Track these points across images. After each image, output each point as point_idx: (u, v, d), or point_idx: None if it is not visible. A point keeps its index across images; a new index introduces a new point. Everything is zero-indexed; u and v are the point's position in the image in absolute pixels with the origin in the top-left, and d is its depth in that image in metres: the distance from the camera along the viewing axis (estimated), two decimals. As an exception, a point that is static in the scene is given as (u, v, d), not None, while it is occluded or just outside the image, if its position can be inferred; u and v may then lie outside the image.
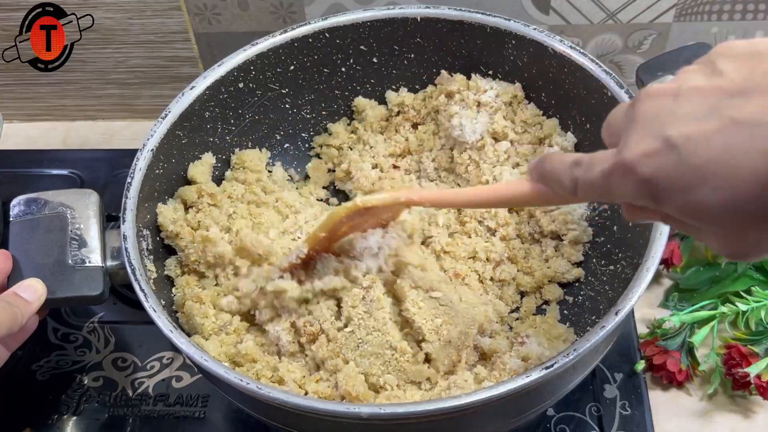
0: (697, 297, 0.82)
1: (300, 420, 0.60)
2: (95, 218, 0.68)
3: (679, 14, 0.91)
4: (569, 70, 0.75)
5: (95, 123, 1.12)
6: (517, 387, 0.55)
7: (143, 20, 0.98)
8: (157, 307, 0.62)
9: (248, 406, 0.64)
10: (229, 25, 0.97)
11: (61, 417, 0.79)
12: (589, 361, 0.63)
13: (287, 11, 0.95)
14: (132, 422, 0.78)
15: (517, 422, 0.66)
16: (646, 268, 0.60)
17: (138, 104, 1.09)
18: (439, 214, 0.77)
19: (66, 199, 0.69)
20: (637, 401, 0.76)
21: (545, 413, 0.76)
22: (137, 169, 0.70)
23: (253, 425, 0.78)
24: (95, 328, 0.86)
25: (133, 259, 0.64)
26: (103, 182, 0.99)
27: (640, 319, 0.83)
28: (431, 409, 0.55)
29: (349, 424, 0.58)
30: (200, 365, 0.59)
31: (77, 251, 0.66)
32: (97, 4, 0.96)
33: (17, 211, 0.68)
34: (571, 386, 0.65)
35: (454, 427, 0.60)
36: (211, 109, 0.78)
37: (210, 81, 0.76)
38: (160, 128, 0.73)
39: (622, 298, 0.59)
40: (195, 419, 0.78)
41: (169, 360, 0.83)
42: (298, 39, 0.79)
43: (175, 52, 1.01)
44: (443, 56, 0.82)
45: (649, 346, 0.78)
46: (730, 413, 0.76)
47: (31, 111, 1.11)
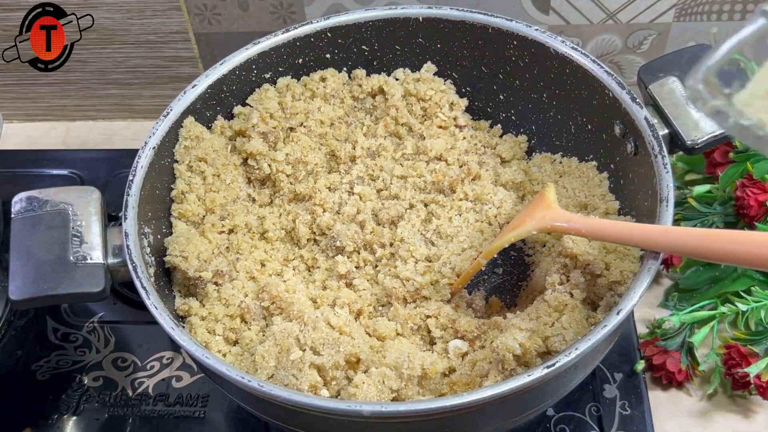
0: (696, 297, 0.82)
1: (301, 418, 0.60)
2: (96, 215, 0.68)
3: (679, 14, 0.91)
4: (571, 71, 0.75)
5: (95, 123, 1.12)
6: (517, 386, 0.55)
7: (143, 20, 0.98)
8: (158, 305, 0.62)
9: (249, 404, 0.64)
10: (229, 25, 0.97)
11: (61, 417, 0.79)
12: (589, 360, 0.63)
13: (287, 11, 0.95)
14: (132, 422, 0.78)
15: (518, 422, 0.66)
16: (646, 268, 0.61)
17: (138, 104, 1.09)
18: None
19: (67, 196, 0.68)
20: (636, 401, 0.76)
21: (545, 413, 0.76)
22: (139, 167, 0.70)
23: (254, 425, 0.78)
24: (95, 327, 0.86)
25: (135, 256, 0.64)
26: (103, 182, 0.99)
27: (640, 319, 0.83)
28: (432, 408, 0.55)
29: (350, 422, 0.58)
30: (201, 362, 0.59)
31: (78, 248, 0.66)
32: (97, 4, 0.97)
33: (18, 208, 0.68)
34: (572, 386, 0.65)
35: (454, 426, 0.60)
36: (213, 108, 0.78)
37: (212, 79, 0.76)
38: (162, 126, 0.73)
39: (623, 297, 0.60)
40: (195, 419, 0.78)
41: (169, 360, 0.83)
42: (300, 38, 0.79)
43: (175, 52, 1.02)
44: (445, 57, 0.82)
45: (649, 346, 0.78)
46: (730, 413, 0.76)
47: (31, 111, 1.11)
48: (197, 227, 0.74)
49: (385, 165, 0.80)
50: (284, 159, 0.78)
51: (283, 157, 0.78)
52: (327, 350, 0.63)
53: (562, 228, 0.65)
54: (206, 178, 0.75)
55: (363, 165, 0.81)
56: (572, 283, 0.66)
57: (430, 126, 0.82)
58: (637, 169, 0.70)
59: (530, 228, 0.67)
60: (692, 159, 0.89)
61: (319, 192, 0.79)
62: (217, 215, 0.75)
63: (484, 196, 0.78)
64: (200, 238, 0.72)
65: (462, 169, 0.80)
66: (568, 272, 0.67)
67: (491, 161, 0.82)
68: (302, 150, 0.79)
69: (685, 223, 0.84)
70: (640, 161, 0.69)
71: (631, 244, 0.63)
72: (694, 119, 0.69)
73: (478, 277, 0.77)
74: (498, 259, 0.78)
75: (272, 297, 0.70)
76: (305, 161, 0.79)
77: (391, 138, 0.82)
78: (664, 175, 0.65)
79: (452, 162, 0.80)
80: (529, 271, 0.77)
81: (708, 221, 0.84)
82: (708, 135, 0.69)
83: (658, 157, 0.66)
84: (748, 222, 0.80)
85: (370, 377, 0.62)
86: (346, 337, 0.66)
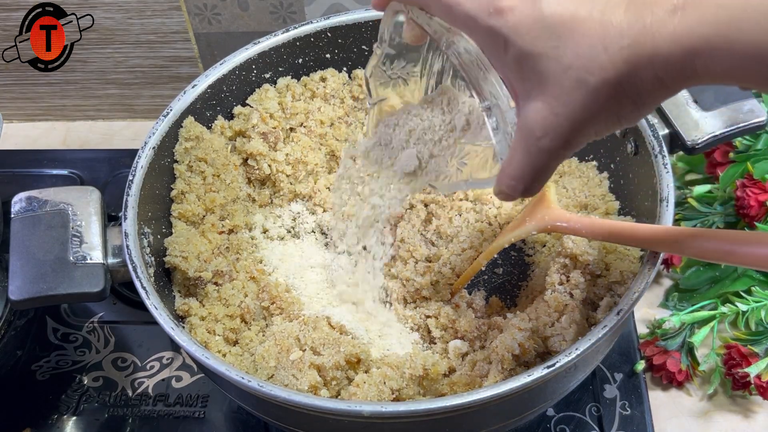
0: (697, 297, 0.82)
1: (301, 418, 0.60)
2: (96, 215, 0.68)
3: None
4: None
5: (95, 123, 1.12)
6: (518, 386, 0.55)
7: (143, 20, 0.98)
8: (158, 305, 0.62)
9: (249, 405, 0.64)
10: (228, 25, 0.97)
11: (61, 417, 0.79)
12: (590, 360, 0.63)
13: (287, 11, 0.95)
14: (132, 422, 0.78)
15: (518, 422, 0.66)
16: (646, 268, 0.61)
17: (138, 104, 1.09)
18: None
19: (67, 196, 0.68)
20: (637, 401, 0.76)
21: (545, 413, 0.76)
22: (139, 167, 0.70)
23: (253, 425, 0.78)
24: (95, 328, 0.86)
25: (135, 256, 0.64)
26: (103, 182, 0.99)
27: (640, 319, 0.83)
28: (432, 408, 0.55)
29: (350, 422, 0.58)
30: (201, 363, 0.59)
31: (78, 248, 0.66)
32: (97, 4, 0.97)
33: (18, 208, 0.68)
34: (572, 386, 0.65)
35: (454, 426, 0.60)
36: (213, 108, 0.78)
37: (212, 79, 0.76)
38: (162, 126, 0.73)
39: (623, 297, 0.60)
40: (195, 419, 0.78)
41: (168, 360, 0.83)
42: (300, 38, 0.79)
43: (175, 52, 1.02)
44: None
45: (649, 346, 0.78)
46: (730, 413, 0.76)
47: (31, 111, 1.11)
48: (197, 227, 0.74)
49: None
50: (284, 159, 0.78)
51: (283, 157, 0.78)
52: (327, 350, 0.63)
53: (562, 228, 0.65)
54: (206, 178, 0.75)
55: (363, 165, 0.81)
56: (572, 284, 0.66)
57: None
58: (637, 169, 0.70)
59: (530, 228, 0.67)
60: (692, 159, 0.89)
61: (319, 192, 0.79)
62: (217, 215, 0.75)
63: (484, 196, 0.78)
64: (200, 238, 0.72)
65: None
66: (568, 272, 0.67)
67: (492, 161, 0.82)
68: (302, 150, 0.79)
69: (685, 223, 0.84)
70: (640, 161, 0.69)
71: (631, 244, 0.63)
72: (695, 119, 0.69)
73: (478, 277, 0.77)
74: (498, 259, 0.78)
75: (272, 297, 0.70)
76: (305, 161, 0.79)
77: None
78: (664, 175, 0.65)
79: (452, 162, 0.80)
80: (529, 271, 0.77)
81: (708, 221, 0.84)
82: (708, 135, 0.69)
83: (658, 157, 0.66)
84: (748, 222, 0.80)
85: (371, 377, 0.62)
86: (346, 337, 0.66)
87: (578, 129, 0.44)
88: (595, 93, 0.42)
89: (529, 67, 0.44)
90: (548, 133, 0.44)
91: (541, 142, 0.45)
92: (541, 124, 0.44)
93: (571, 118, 0.43)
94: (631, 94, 0.43)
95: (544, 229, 0.66)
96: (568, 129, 0.44)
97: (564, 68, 0.42)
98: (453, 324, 0.70)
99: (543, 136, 0.44)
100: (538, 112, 0.44)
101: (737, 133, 0.69)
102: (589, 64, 0.42)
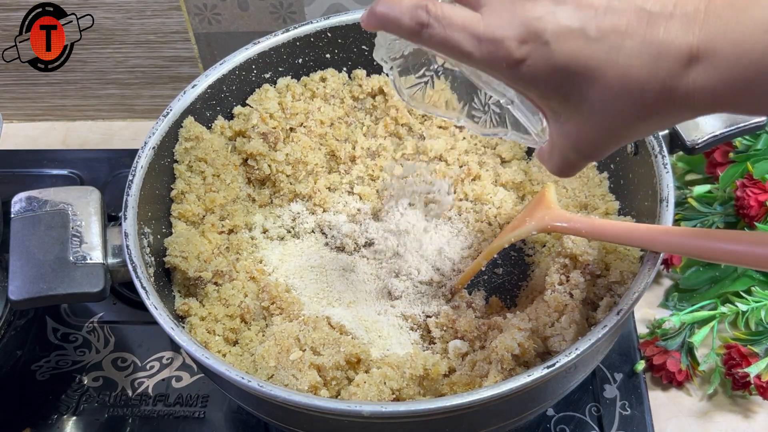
0: (696, 297, 0.82)
1: (301, 418, 0.60)
2: (96, 215, 0.68)
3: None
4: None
5: (95, 123, 1.12)
6: (518, 386, 0.55)
7: (143, 20, 0.98)
8: (158, 305, 0.62)
9: (249, 404, 0.64)
10: (228, 25, 0.97)
11: (61, 417, 0.79)
12: (590, 360, 0.63)
13: (287, 11, 0.95)
14: (132, 422, 0.78)
15: (518, 422, 0.66)
16: (646, 268, 0.61)
17: (138, 104, 1.09)
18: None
19: (67, 196, 0.68)
20: (637, 401, 0.76)
21: (545, 413, 0.76)
22: (139, 167, 0.70)
23: (253, 425, 0.78)
24: (95, 328, 0.86)
25: (135, 256, 0.64)
26: (103, 182, 0.99)
27: (640, 319, 0.83)
28: (432, 408, 0.54)
29: (350, 423, 0.58)
30: (201, 363, 0.59)
31: (78, 248, 0.66)
32: (97, 4, 0.97)
33: (18, 208, 0.68)
34: (572, 386, 0.65)
35: (454, 426, 0.60)
36: (213, 108, 0.78)
37: (212, 79, 0.76)
38: (162, 126, 0.73)
39: (623, 297, 0.60)
40: (195, 419, 0.78)
41: (168, 360, 0.83)
42: (300, 38, 0.79)
43: (175, 52, 1.02)
44: (444, 56, 0.82)
45: (649, 346, 0.78)
46: (730, 413, 0.76)
47: (31, 111, 1.11)
48: (197, 227, 0.74)
49: (385, 165, 0.80)
50: (284, 159, 0.78)
51: (283, 157, 0.78)
52: (327, 350, 0.63)
53: (561, 228, 0.65)
54: (206, 178, 0.75)
55: (363, 165, 0.81)
56: (572, 284, 0.66)
57: (430, 126, 0.82)
58: (637, 169, 0.70)
59: (530, 228, 0.67)
60: (692, 159, 0.89)
61: (319, 192, 0.79)
62: (217, 215, 0.75)
63: (484, 196, 0.79)
64: (200, 238, 0.72)
65: (462, 169, 0.80)
66: (568, 272, 0.67)
67: (491, 161, 0.82)
68: (302, 150, 0.79)
69: (685, 223, 0.84)
70: (640, 161, 0.69)
71: (631, 244, 0.63)
72: (694, 119, 0.69)
73: (478, 277, 0.77)
74: (498, 259, 0.78)
75: (272, 297, 0.70)
76: (305, 161, 0.79)
77: (391, 138, 0.82)
78: (664, 175, 0.65)
79: (452, 162, 0.80)
80: (529, 271, 0.77)
81: (708, 221, 0.84)
82: (708, 135, 0.69)
83: (658, 157, 0.66)
84: (748, 222, 0.80)
85: (371, 377, 0.62)
86: (346, 337, 0.66)
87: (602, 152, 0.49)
88: (627, 127, 0.46)
89: (552, 106, 0.47)
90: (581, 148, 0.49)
91: (572, 155, 0.50)
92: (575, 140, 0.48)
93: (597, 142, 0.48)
94: (657, 128, 0.46)
95: (544, 229, 0.66)
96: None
97: (591, 112, 0.45)
98: (453, 324, 0.70)
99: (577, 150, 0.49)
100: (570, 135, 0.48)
101: (737, 133, 0.69)
102: (618, 108, 0.45)
